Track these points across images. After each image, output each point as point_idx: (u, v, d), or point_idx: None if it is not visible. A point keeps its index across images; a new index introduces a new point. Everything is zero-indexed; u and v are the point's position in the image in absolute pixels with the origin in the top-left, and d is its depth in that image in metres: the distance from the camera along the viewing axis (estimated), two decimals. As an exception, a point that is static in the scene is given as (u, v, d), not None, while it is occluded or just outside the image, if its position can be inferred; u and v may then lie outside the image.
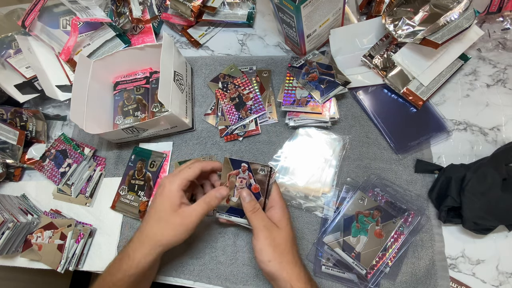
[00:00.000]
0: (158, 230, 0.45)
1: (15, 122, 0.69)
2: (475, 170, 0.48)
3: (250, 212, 0.47)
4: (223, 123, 0.63)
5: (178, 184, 0.46)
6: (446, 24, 0.53)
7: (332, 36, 0.61)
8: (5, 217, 0.59)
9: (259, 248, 0.44)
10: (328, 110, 0.57)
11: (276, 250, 0.44)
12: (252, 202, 0.47)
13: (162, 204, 0.46)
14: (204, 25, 0.75)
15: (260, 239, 0.44)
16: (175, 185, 0.46)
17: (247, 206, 0.47)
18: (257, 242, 0.44)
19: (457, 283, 0.49)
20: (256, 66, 0.68)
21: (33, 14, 0.67)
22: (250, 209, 0.47)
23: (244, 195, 0.48)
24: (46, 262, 0.58)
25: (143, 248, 0.45)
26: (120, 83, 0.70)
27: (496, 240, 0.50)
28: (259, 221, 0.45)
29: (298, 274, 0.43)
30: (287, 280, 0.43)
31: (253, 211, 0.47)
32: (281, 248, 0.44)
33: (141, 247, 0.45)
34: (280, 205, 0.48)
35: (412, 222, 0.50)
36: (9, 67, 0.71)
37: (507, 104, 0.56)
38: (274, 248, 0.44)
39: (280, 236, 0.45)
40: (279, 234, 0.45)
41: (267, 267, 0.43)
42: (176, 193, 0.46)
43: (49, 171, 0.64)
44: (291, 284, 0.42)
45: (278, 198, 0.48)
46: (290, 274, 0.43)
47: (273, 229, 0.45)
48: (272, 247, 0.44)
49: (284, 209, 0.48)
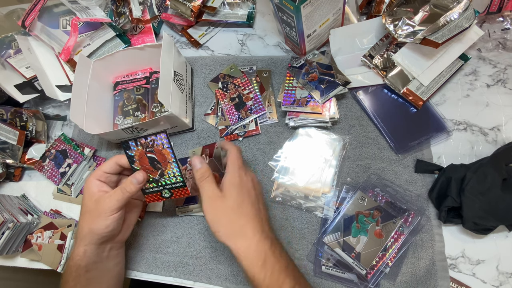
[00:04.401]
0: (84, 221, 0.47)
1: (15, 122, 0.69)
2: (475, 170, 0.48)
3: (199, 180, 0.45)
4: (223, 123, 0.63)
5: (93, 175, 0.47)
6: (446, 24, 0.53)
7: (332, 36, 0.61)
8: (5, 217, 0.59)
9: (207, 219, 0.43)
10: (328, 110, 0.57)
11: (221, 221, 0.43)
12: (202, 169, 0.45)
13: (84, 198, 0.47)
14: (204, 25, 0.75)
15: (207, 209, 0.43)
16: (91, 177, 0.48)
17: (196, 174, 0.45)
18: (205, 213, 0.43)
19: (457, 283, 0.49)
20: (256, 66, 0.68)
21: (33, 14, 0.67)
22: (198, 177, 0.45)
23: (195, 162, 0.46)
24: (46, 262, 0.58)
25: (78, 241, 0.47)
26: (120, 83, 0.70)
27: (496, 240, 0.50)
28: (204, 190, 0.44)
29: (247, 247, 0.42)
30: (235, 252, 0.42)
31: (201, 178, 0.45)
32: (226, 219, 0.43)
33: (77, 241, 0.47)
34: (229, 170, 0.45)
35: (412, 222, 0.50)
36: (9, 67, 0.71)
37: (507, 104, 0.56)
38: (218, 219, 0.43)
39: (223, 206, 0.43)
40: (222, 204, 0.43)
41: (217, 238, 0.43)
42: (91, 183, 0.47)
43: (49, 171, 0.64)
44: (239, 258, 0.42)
45: (230, 162, 0.46)
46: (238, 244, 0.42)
47: (216, 199, 0.43)
48: (216, 218, 0.43)
49: (233, 173, 0.45)
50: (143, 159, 0.46)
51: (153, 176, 0.47)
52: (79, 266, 0.46)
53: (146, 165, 0.47)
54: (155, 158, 0.46)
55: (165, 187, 0.48)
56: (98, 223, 0.45)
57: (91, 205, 0.46)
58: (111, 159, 0.48)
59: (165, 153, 0.46)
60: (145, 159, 0.46)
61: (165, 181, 0.47)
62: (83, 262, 0.46)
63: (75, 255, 0.46)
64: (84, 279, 0.46)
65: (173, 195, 0.49)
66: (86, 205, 0.47)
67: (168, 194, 0.49)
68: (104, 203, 0.45)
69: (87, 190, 0.47)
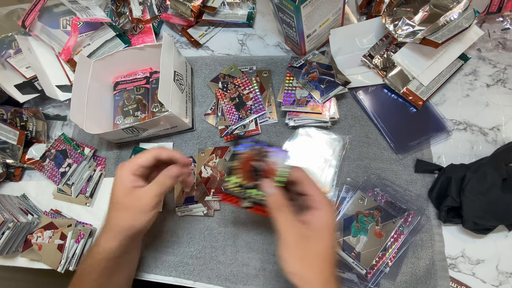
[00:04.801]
0: (116, 215, 0.45)
1: (15, 122, 0.69)
2: (475, 170, 0.48)
3: (275, 209, 0.38)
4: (223, 123, 0.63)
5: (128, 169, 0.45)
6: (446, 24, 0.53)
7: (332, 36, 0.61)
8: (5, 217, 0.59)
9: (284, 257, 0.36)
10: (328, 110, 0.57)
11: (305, 264, 0.36)
12: (275, 196, 0.39)
13: (116, 190, 0.45)
14: (204, 25, 0.75)
15: (287, 246, 0.36)
16: (125, 170, 0.45)
17: (271, 202, 0.39)
18: (283, 249, 0.36)
19: (457, 283, 0.49)
20: (256, 66, 0.68)
21: (33, 14, 0.67)
22: (274, 206, 0.38)
23: (267, 188, 0.40)
24: (46, 262, 0.58)
25: (107, 235, 0.45)
26: (120, 83, 0.70)
27: (496, 240, 0.50)
28: (287, 223, 0.37)
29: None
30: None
31: (278, 208, 0.38)
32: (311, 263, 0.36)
33: (105, 234, 0.45)
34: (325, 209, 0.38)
35: (412, 222, 0.50)
36: (9, 67, 0.71)
37: (507, 104, 0.56)
38: (302, 261, 0.36)
39: (315, 248, 0.36)
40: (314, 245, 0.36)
41: (292, 280, 0.36)
42: (126, 177, 0.45)
43: (49, 171, 0.64)
44: None
45: (323, 198, 0.38)
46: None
47: (307, 238, 0.36)
48: (300, 260, 0.36)
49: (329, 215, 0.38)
50: (247, 163, 0.43)
51: (244, 182, 0.43)
52: (110, 258, 0.45)
53: (246, 169, 0.43)
54: (263, 168, 0.42)
55: (249, 198, 0.44)
56: (140, 220, 0.44)
57: (128, 202, 0.44)
58: (148, 152, 0.46)
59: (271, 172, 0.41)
60: (249, 164, 0.43)
61: (251, 193, 0.43)
62: (115, 255, 0.45)
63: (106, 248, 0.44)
64: (109, 270, 0.45)
65: (251, 208, 0.44)
66: (121, 202, 0.45)
67: (247, 205, 0.44)
68: (144, 199, 0.44)
69: (121, 185, 0.45)
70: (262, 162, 0.42)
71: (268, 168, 0.41)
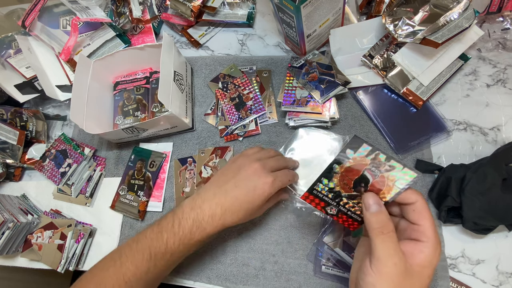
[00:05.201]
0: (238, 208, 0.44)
1: (15, 122, 0.69)
2: (475, 170, 0.48)
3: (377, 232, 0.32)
4: (223, 123, 0.63)
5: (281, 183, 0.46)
6: (446, 24, 0.53)
7: (332, 36, 0.61)
8: (5, 217, 0.59)
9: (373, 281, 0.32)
10: (328, 110, 0.57)
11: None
12: (383, 217, 0.33)
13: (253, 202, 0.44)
14: (204, 25, 0.75)
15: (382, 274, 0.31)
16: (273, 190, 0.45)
17: (374, 221, 0.33)
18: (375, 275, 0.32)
19: (457, 283, 0.49)
20: (256, 66, 0.68)
21: (33, 14, 0.67)
22: (377, 226, 0.33)
23: (370, 203, 0.34)
24: (46, 262, 0.58)
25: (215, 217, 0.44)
26: (120, 83, 0.70)
27: (496, 240, 0.50)
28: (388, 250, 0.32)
29: None
30: None
31: (382, 231, 0.32)
32: None
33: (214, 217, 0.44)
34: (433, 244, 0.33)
35: (412, 222, 0.50)
36: (9, 67, 0.71)
37: (507, 104, 0.56)
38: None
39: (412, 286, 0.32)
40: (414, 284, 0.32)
41: None
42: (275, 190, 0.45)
43: (49, 171, 0.64)
44: None
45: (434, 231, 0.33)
46: None
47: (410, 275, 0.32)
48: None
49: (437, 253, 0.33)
50: (355, 171, 0.35)
51: (341, 190, 0.37)
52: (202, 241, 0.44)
53: (350, 176, 0.35)
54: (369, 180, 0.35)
55: (339, 207, 0.38)
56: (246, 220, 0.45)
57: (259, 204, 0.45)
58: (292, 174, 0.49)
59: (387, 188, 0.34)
60: (357, 173, 0.35)
61: (345, 204, 0.37)
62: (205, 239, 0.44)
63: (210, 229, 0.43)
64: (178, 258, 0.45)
65: (336, 217, 0.39)
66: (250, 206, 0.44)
67: (333, 213, 0.39)
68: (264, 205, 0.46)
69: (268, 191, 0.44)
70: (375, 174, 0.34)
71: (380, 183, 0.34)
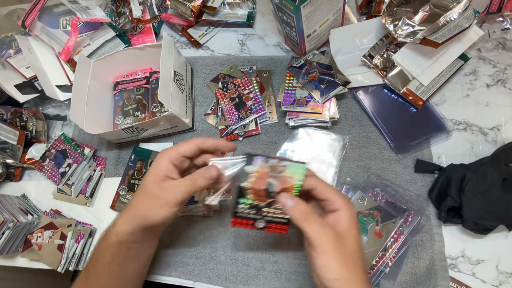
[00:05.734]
0: (138, 200, 0.43)
1: (15, 122, 0.69)
2: (475, 170, 0.48)
3: (302, 219, 0.37)
4: (223, 123, 0.63)
5: (167, 156, 0.42)
6: (446, 24, 0.53)
7: (332, 36, 0.61)
8: (5, 217, 0.59)
9: (322, 263, 0.35)
10: (328, 110, 0.57)
11: (344, 265, 0.35)
12: (301, 206, 0.38)
13: (148, 176, 0.43)
14: (204, 25, 0.75)
15: (324, 251, 0.35)
16: (164, 157, 0.42)
17: (295, 213, 0.37)
18: (320, 256, 0.35)
19: (457, 283, 0.49)
20: (256, 66, 0.68)
21: (33, 14, 0.67)
22: (300, 216, 0.37)
23: (285, 201, 0.38)
24: (46, 262, 0.58)
25: (122, 217, 0.43)
26: (120, 83, 0.70)
27: (496, 240, 0.50)
28: (317, 230, 0.36)
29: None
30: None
31: (305, 217, 0.37)
32: (350, 264, 0.36)
33: (122, 216, 0.44)
34: (346, 207, 0.37)
35: (412, 222, 0.50)
36: (9, 67, 0.71)
37: (507, 104, 0.56)
38: (342, 263, 0.35)
39: (349, 248, 0.36)
40: (348, 245, 0.36)
41: (331, 285, 0.35)
42: (163, 165, 0.42)
43: (49, 171, 0.64)
44: None
45: (341, 198, 0.38)
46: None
47: (340, 239, 0.36)
48: (339, 262, 0.35)
49: (352, 212, 0.38)
50: (261, 181, 0.39)
51: (258, 202, 0.40)
52: (122, 242, 0.43)
53: (260, 188, 0.39)
54: (276, 185, 0.39)
55: (265, 217, 0.41)
56: (157, 213, 0.41)
57: (156, 190, 0.42)
58: (192, 141, 0.43)
59: (289, 187, 0.39)
60: (263, 182, 0.39)
61: (268, 212, 0.40)
62: (128, 240, 0.43)
63: (119, 231, 0.43)
64: (122, 256, 0.44)
65: (266, 228, 0.42)
66: (150, 187, 0.42)
67: (263, 225, 0.42)
68: (171, 192, 0.41)
69: (156, 171, 0.42)
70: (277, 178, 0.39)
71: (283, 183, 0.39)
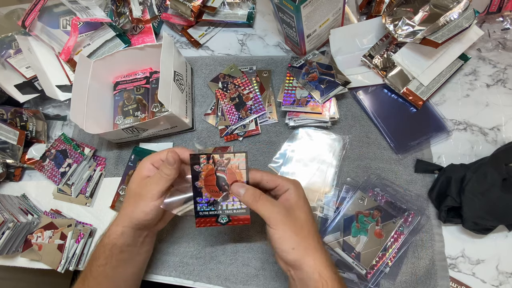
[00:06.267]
0: (125, 202, 0.46)
1: (15, 122, 0.69)
2: (475, 170, 0.48)
3: (253, 202, 0.41)
4: (223, 123, 0.63)
5: (148, 159, 0.46)
6: (446, 24, 0.53)
7: (332, 36, 0.61)
8: (5, 217, 0.59)
9: (278, 236, 0.39)
10: (328, 110, 0.57)
11: (299, 234, 0.39)
12: (251, 190, 0.41)
13: (132, 179, 0.46)
14: (204, 25, 0.75)
15: (278, 226, 0.39)
16: (145, 161, 0.46)
17: (247, 197, 0.41)
18: (275, 231, 0.39)
19: (457, 283, 0.49)
20: (256, 66, 0.68)
21: (33, 14, 0.67)
22: (251, 199, 0.41)
23: (237, 189, 0.42)
24: (46, 262, 0.58)
25: (114, 221, 0.46)
26: (120, 83, 0.70)
27: (496, 240, 0.50)
28: (269, 207, 0.40)
29: (325, 260, 0.39)
30: (314, 268, 0.38)
31: (256, 199, 0.41)
32: (304, 232, 0.39)
33: (114, 220, 0.46)
34: (294, 186, 0.42)
35: (412, 222, 0.50)
36: (9, 67, 0.71)
37: (507, 104, 0.56)
38: (296, 233, 0.39)
39: (300, 218, 0.40)
40: (299, 216, 0.40)
41: (290, 255, 0.38)
42: (144, 166, 0.45)
43: (49, 171, 0.64)
44: (319, 272, 0.38)
45: (289, 180, 0.43)
46: (316, 261, 0.38)
47: (291, 212, 0.40)
48: (294, 232, 0.39)
49: (300, 190, 0.42)
50: (211, 178, 0.42)
51: (215, 198, 0.43)
52: (115, 245, 0.45)
53: (211, 184, 0.42)
54: (225, 178, 0.42)
55: (225, 211, 0.43)
56: (138, 209, 0.44)
57: (137, 189, 0.45)
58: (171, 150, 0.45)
59: (237, 175, 0.42)
60: (213, 178, 0.42)
61: (226, 206, 0.43)
62: (119, 242, 0.45)
63: (111, 233, 0.45)
64: (116, 259, 0.45)
65: (230, 222, 0.44)
66: (133, 188, 0.45)
67: (225, 220, 0.44)
68: (146, 187, 0.44)
69: (138, 173, 0.45)
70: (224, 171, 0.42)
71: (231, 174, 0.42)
